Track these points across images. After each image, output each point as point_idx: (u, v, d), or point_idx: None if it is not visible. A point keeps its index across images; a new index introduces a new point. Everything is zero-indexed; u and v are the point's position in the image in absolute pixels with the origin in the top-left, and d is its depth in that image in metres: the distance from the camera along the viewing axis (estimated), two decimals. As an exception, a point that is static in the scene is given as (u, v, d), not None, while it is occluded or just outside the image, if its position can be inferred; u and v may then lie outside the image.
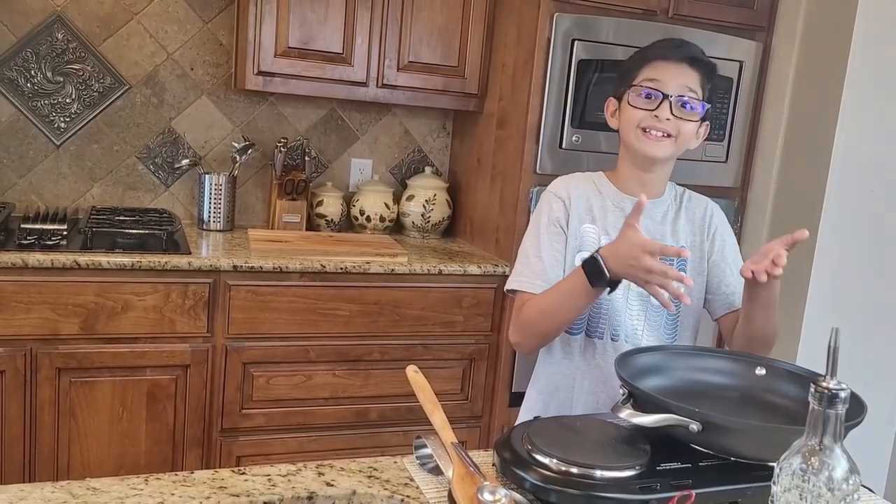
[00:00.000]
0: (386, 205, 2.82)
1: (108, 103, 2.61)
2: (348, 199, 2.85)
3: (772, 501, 0.79)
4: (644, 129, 1.38)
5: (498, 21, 2.65)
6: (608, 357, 1.43)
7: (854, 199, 2.44)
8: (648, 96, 1.38)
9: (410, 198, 2.85)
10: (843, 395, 0.75)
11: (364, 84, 2.56)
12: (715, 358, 1.26)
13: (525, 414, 1.56)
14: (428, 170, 2.94)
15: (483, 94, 2.70)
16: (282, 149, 2.66)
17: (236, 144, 2.67)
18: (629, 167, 1.46)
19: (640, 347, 1.32)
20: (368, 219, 2.80)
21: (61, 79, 2.55)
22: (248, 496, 0.96)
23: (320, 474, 1.04)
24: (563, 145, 2.42)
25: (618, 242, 1.27)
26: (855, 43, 2.34)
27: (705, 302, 1.53)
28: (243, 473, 1.02)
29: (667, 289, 1.22)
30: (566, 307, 1.35)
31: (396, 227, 2.88)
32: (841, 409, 0.75)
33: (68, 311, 2.10)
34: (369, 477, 1.05)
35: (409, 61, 2.59)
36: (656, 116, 1.37)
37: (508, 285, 1.47)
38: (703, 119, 1.43)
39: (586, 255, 1.36)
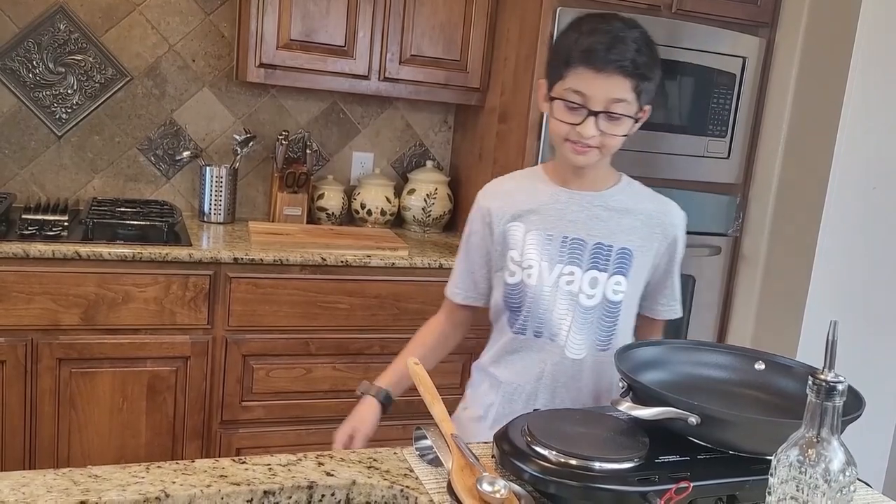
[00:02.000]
0: (387, 198, 2.82)
1: (109, 94, 2.61)
2: (349, 193, 2.85)
3: (769, 493, 0.79)
4: (569, 140, 1.32)
5: (500, 15, 2.65)
6: (534, 354, 1.40)
7: (856, 196, 2.44)
8: (573, 109, 1.29)
9: (411, 192, 2.85)
10: (840, 387, 0.75)
11: (366, 77, 2.56)
12: (714, 352, 1.26)
13: (474, 409, 1.51)
14: (429, 164, 2.94)
15: (485, 89, 2.70)
16: (283, 141, 2.66)
17: (237, 137, 2.67)
18: (562, 159, 1.40)
19: (640, 341, 1.31)
20: (369, 212, 2.80)
21: (63, 70, 2.55)
22: (249, 485, 0.97)
23: (320, 464, 1.05)
24: (565, 140, 2.42)
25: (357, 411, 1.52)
26: (858, 39, 2.34)
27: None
28: (244, 463, 1.03)
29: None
30: None
31: (397, 220, 2.88)
32: (838, 401, 0.75)
33: (69, 302, 2.10)
34: (369, 468, 1.06)
35: (412, 55, 2.59)
36: (580, 133, 1.29)
37: (445, 290, 1.56)
38: (635, 120, 1.34)
39: (513, 252, 1.40)
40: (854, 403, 0.99)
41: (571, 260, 1.37)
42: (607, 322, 1.39)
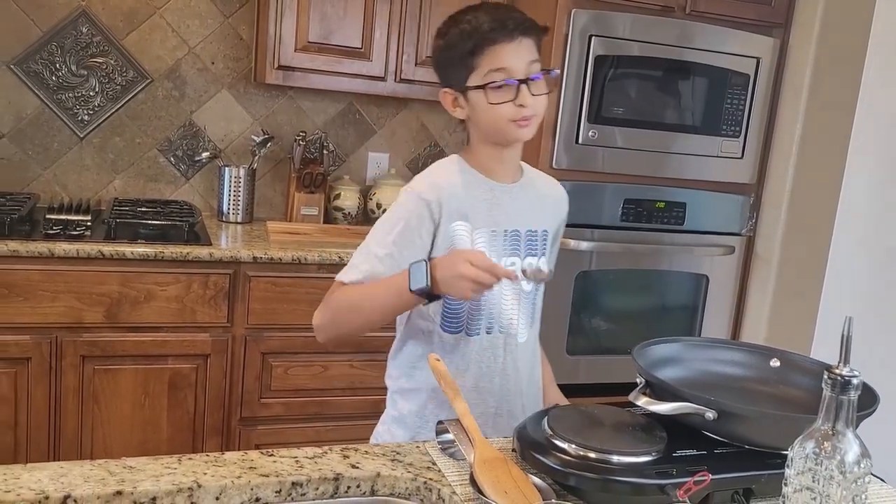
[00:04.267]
0: (402, 198, 2.84)
1: (130, 96, 2.66)
2: (365, 193, 2.88)
3: (785, 483, 0.81)
4: (513, 120, 1.31)
5: (515, 17, 2.67)
6: (484, 352, 1.39)
7: (870, 196, 2.45)
8: (502, 88, 1.29)
9: (427, 192, 2.87)
10: (855, 381, 0.77)
11: (382, 78, 2.59)
12: (730, 349, 1.28)
13: (406, 417, 1.41)
14: (444, 164, 2.97)
15: (500, 90, 2.72)
16: (300, 142, 2.69)
17: (255, 138, 2.71)
18: (487, 148, 1.38)
19: (657, 339, 1.32)
20: (385, 212, 2.83)
21: (85, 72, 2.60)
22: (278, 476, 1.00)
23: (345, 457, 1.08)
24: (580, 140, 2.45)
25: (449, 253, 1.27)
26: (872, 39, 2.35)
27: None
28: (271, 455, 1.06)
29: (475, 295, 1.22)
30: (378, 304, 1.30)
31: (413, 220, 2.90)
32: (853, 395, 0.78)
33: (93, 300, 2.14)
34: (393, 460, 1.08)
35: (427, 56, 2.61)
36: (521, 105, 1.29)
37: (340, 275, 1.36)
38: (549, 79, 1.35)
39: None
40: (868, 399, 1.01)
41: (512, 251, 1.39)
42: (534, 300, 1.45)
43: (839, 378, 0.77)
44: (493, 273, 1.19)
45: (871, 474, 0.84)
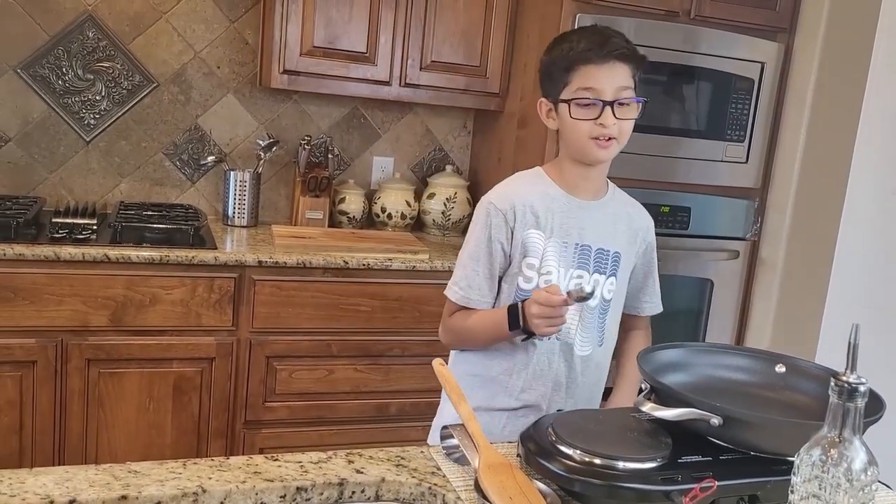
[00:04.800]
0: (407, 202, 2.85)
1: (136, 101, 2.67)
2: (370, 197, 2.89)
3: (792, 491, 0.81)
4: (593, 138, 1.40)
5: (520, 21, 2.67)
6: (541, 355, 1.47)
7: (874, 200, 2.44)
8: (588, 106, 1.38)
9: (431, 196, 2.88)
10: (862, 388, 0.77)
11: (387, 83, 2.60)
12: (736, 355, 1.28)
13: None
14: (449, 168, 2.97)
15: (504, 94, 2.73)
16: (305, 146, 2.70)
17: (261, 142, 2.71)
18: (572, 164, 1.47)
19: (662, 344, 1.33)
20: (390, 216, 2.84)
21: (91, 76, 2.61)
22: (282, 481, 1.00)
23: (350, 462, 1.08)
24: (584, 145, 2.44)
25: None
26: (877, 44, 2.34)
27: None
28: (276, 460, 1.06)
29: (552, 330, 1.36)
30: (486, 336, 1.47)
31: (417, 224, 2.91)
32: (860, 402, 0.77)
33: (98, 304, 2.15)
34: (397, 465, 1.08)
35: (432, 61, 2.62)
36: (601, 125, 1.38)
37: (447, 292, 1.51)
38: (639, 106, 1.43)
39: (531, 260, 1.44)
40: (874, 406, 1.01)
41: (581, 264, 1.47)
42: (602, 319, 1.51)
43: (846, 385, 0.77)
44: (551, 304, 1.31)
45: (879, 481, 0.84)
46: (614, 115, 1.38)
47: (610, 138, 1.39)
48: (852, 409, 0.77)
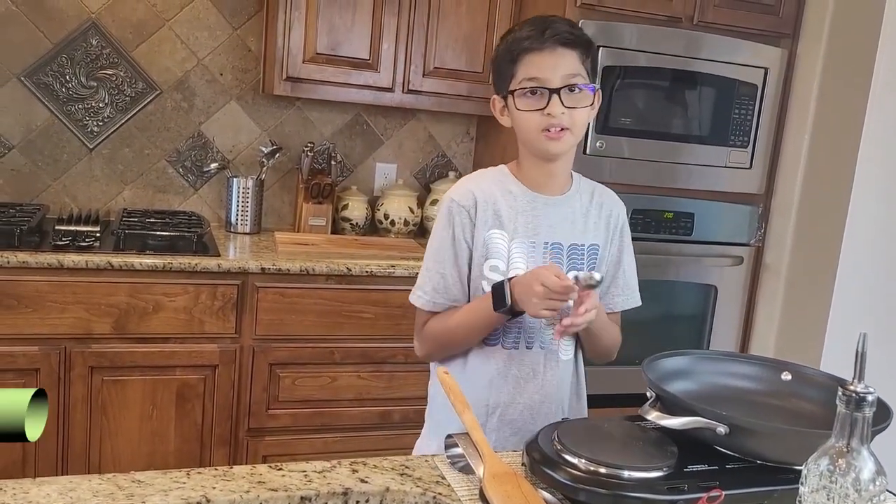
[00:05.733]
0: (410, 209, 2.85)
1: (139, 108, 2.67)
2: (373, 203, 2.89)
3: (799, 501, 0.80)
4: (542, 129, 1.33)
5: (522, 28, 2.67)
6: (524, 367, 1.40)
7: (879, 206, 2.43)
8: (534, 93, 1.31)
9: (434, 202, 2.88)
10: (870, 398, 0.77)
11: (390, 89, 2.60)
12: (741, 363, 1.27)
13: (438, 425, 1.42)
14: (451, 174, 2.97)
15: (507, 100, 2.72)
16: (308, 153, 2.70)
17: (264, 149, 2.71)
18: (533, 161, 1.40)
19: (667, 352, 1.32)
20: (393, 222, 2.84)
21: (95, 84, 2.61)
22: (286, 491, 1.00)
23: (354, 471, 1.07)
24: (587, 151, 2.44)
25: (529, 272, 1.28)
26: (881, 49, 2.34)
27: None
28: (280, 469, 1.05)
29: (549, 314, 1.25)
30: (471, 328, 1.36)
31: (420, 230, 2.91)
32: (868, 412, 0.77)
33: (101, 311, 2.15)
34: (402, 475, 1.08)
35: (435, 67, 2.62)
36: (549, 114, 1.30)
37: (412, 298, 1.43)
38: (594, 94, 1.36)
39: (494, 262, 1.37)
40: (882, 414, 1.00)
41: (558, 264, 1.38)
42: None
43: (854, 395, 0.77)
44: (565, 293, 1.21)
45: (888, 491, 0.83)
46: (563, 104, 1.30)
47: (562, 129, 1.31)
48: (860, 418, 0.77)
